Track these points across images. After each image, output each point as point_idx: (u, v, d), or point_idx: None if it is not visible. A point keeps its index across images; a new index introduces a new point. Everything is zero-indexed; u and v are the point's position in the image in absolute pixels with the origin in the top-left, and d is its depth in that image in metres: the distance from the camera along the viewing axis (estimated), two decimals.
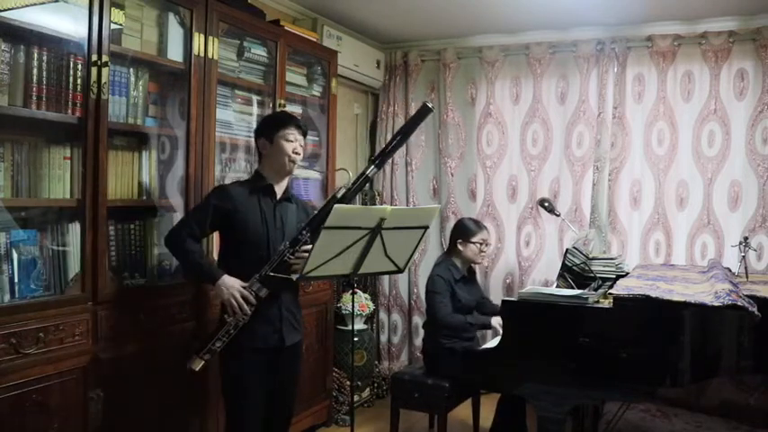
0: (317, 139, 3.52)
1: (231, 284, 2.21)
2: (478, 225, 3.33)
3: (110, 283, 2.28)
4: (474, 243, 3.24)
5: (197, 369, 2.23)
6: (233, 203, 2.28)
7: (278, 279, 2.20)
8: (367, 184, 4.35)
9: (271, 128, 2.37)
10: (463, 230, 3.28)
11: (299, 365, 2.51)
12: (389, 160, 4.43)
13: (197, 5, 2.58)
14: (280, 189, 2.39)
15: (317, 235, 2.16)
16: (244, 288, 2.21)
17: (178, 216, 2.55)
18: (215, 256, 2.60)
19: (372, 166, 2.32)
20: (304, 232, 2.22)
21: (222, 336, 2.20)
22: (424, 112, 2.35)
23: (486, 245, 3.33)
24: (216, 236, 2.60)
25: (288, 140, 2.33)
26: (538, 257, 4.16)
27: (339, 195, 2.29)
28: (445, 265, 3.26)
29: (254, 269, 2.22)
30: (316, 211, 2.37)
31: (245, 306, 2.19)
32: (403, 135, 2.38)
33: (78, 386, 2.13)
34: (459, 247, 3.26)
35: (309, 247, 2.18)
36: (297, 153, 2.35)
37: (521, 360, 2.43)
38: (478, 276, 3.73)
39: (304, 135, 2.41)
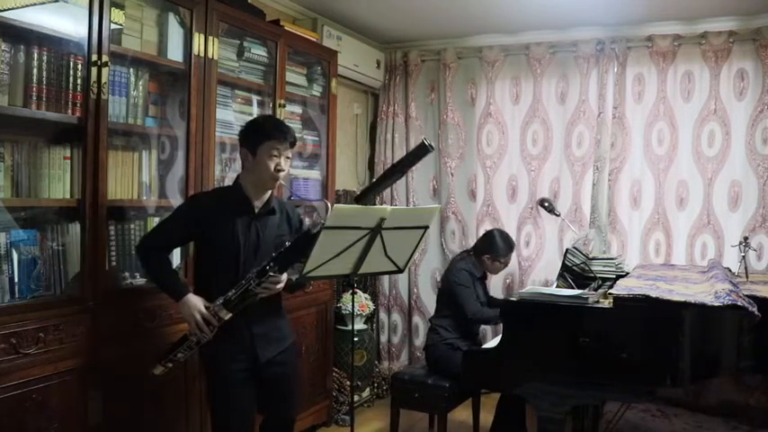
0: (317, 139, 3.52)
1: (194, 304, 2.11)
2: (510, 247, 3.39)
3: (110, 283, 2.28)
4: (501, 263, 3.36)
5: (158, 374, 2.18)
6: (204, 217, 2.18)
7: (244, 303, 2.09)
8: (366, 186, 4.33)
9: (254, 138, 2.19)
10: (494, 248, 3.34)
11: (290, 372, 2.35)
12: (389, 160, 4.45)
13: (197, 5, 2.57)
14: (260, 202, 2.24)
15: (285, 269, 2.09)
16: (207, 307, 2.10)
17: None
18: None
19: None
20: (271, 264, 2.06)
21: (184, 349, 2.13)
22: (422, 151, 2.16)
23: (510, 262, 3.48)
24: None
25: (271, 156, 2.15)
26: (538, 257, 4.16)
27: (314, 231, 2.02)
28: (466, 261, 3.33)
29: (225, 285, 2.10)
30: (293, 238, 2.23)
31: (206, 327, 2.09)
32: (395, 174, 2.23)
33: (78, 386, 2.13)
34: (486, 260, 3.35)
35: (278, 277, 2.09)
36: (280, 170, 2.17)
37: (521, 360, 2.43)
38: None
39: (292, 145, 2.23)
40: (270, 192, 2.28)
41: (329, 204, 2.30)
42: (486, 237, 3.44)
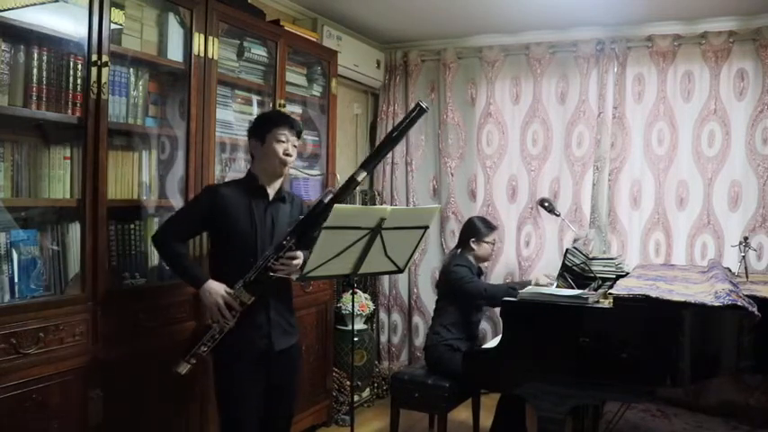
0: (317, 139, 3.52)
1: (216, 290, 2.15)
2: (490, 226, 3.38)
3: (110, 283, 2.28)
4: (487, 243, 3.32)
5: (183, 373, 2.19)
6: (222, 205, 2.22)
7: (263, 284, 2.15)
8: (366, 185, 4.34)
9: (262, 128, 2.28)
10: (476, 230, 3.33)
11: (295, 369, 2.42)
12: (388, 160, 4.45)
13: (197, 5, 2.58)
14: (273, 190, 2.31)
15: (303, 241, 2.13)
16: (228, 293, 2.15)
17: None
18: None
19: (362, 171, 2.21)
20: (288, 238, 2.13)
21: (207, 341, 2.15)
22: (418, 112, 2.21)
23: (497, 242, 3.46)
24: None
25: (279, 141, 2.24)
26: (538, 257, 4.16)
27: (326, 201, 2.17)
28: (461, 258, 3.30)
29: (243, 272, 2.15)
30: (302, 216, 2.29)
31: (228, 313, 2.13)
32: (394, 138, 2.26)
33: (78, 386, 2.13)
34: (473, 245, 3.31)
35: (295, 253, 2.14)
36: (288, 154, 2.25)
37: (521, 360, 2.43)
38: None
39: (298, 135, 2.32)
40: (281, 181, 2.35)
41: (338, 176, 2.34)
42: (465, 224, 3.45)
